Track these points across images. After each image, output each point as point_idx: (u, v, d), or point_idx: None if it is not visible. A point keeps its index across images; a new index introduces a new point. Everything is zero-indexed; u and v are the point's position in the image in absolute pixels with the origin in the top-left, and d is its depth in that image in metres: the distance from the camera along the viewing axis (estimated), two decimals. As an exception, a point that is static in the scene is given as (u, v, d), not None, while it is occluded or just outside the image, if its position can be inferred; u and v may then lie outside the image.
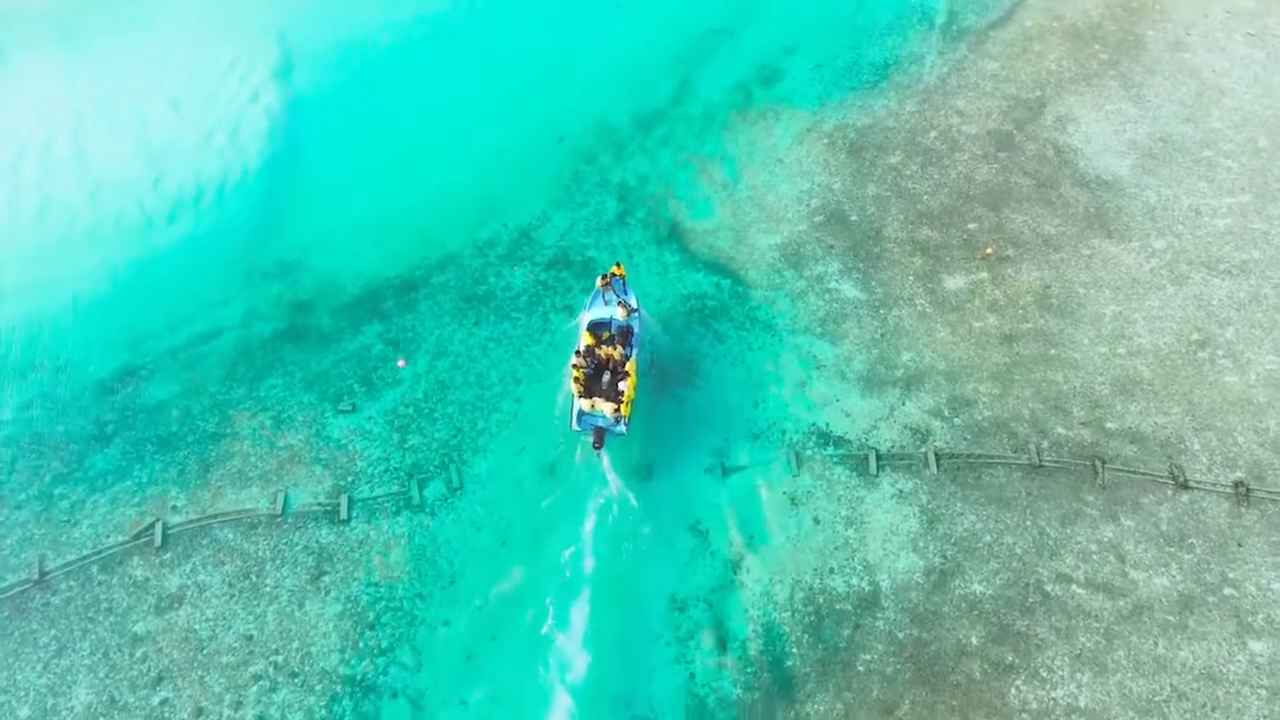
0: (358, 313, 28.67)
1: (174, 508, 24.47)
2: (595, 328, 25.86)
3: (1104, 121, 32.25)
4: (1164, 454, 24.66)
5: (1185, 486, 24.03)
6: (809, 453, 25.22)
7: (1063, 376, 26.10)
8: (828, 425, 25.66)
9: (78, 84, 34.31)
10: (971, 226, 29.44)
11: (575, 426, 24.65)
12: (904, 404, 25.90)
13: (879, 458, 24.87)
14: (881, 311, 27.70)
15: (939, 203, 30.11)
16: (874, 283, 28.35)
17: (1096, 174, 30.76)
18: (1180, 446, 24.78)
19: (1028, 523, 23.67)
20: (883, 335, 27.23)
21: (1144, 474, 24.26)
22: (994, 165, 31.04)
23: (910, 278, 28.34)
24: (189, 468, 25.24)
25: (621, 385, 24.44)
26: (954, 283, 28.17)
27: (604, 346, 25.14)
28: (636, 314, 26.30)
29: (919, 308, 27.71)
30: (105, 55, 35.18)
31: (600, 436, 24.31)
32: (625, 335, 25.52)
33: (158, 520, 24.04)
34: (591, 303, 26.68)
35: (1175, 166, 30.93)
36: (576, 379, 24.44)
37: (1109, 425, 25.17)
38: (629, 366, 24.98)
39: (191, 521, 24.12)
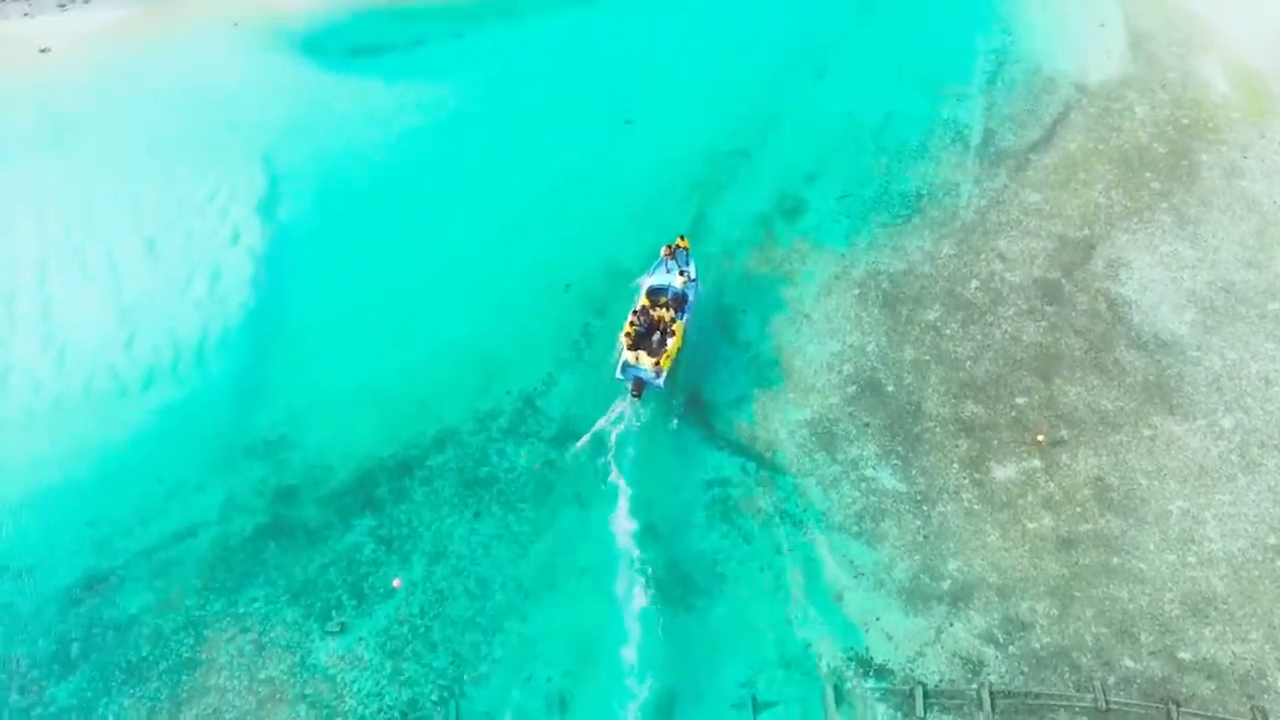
0: (347, 502, 26.12)
1: (142, 761, 22.03)
2: (654, 292, 28.34)
3: (1159, 266, 29.63)
4: (1244, 693, 22.09)
5: (1271, 736, 21.54)
6: (848, 685, 22.66)
7: (1128, 592, 23.54)
8: (868, 650, 23.11)
9: (45, 222, 31.70)
10: (1020, 401, 26.85)
11: (619, 375, 27.00)
12: (952, 624, 23.35)
13: (926, 694, 22.32)
14: (924, 507, 25.14)
15: (983, 370, 27.52)
16: (914, 470, 25.79)
17: (1154, 333, 28.14)
18: (1261, 683, 22.21)
19: (1096, 783, 21.20)
20: (926, 537, 24.67)
21: (1224, 719, 21.75)
22: (1042, 323, 28.42)
23: (955, 465, 25.77)
24: (159, 706, 22.66)
25: (667, 343, 27.07)
26: (1004, 472, 25.60)
27: (658, 309, 27.71)
28: (693, 283, 28.37)
29: (966, 503, 25.14)
30: (75, 184, 32.58)
31: (639, 387, 26.70)
32: (679, 302, 28.05)
33: (123, 781, 21.60)
34: (654, 269, 28.97)
35: (1240, 323, 28.31)
36: (628, 334, 27.06)
37: (1181, 655, 22.62)
38: (676, 327, 27.34)
39: (161, 783, 21.68)
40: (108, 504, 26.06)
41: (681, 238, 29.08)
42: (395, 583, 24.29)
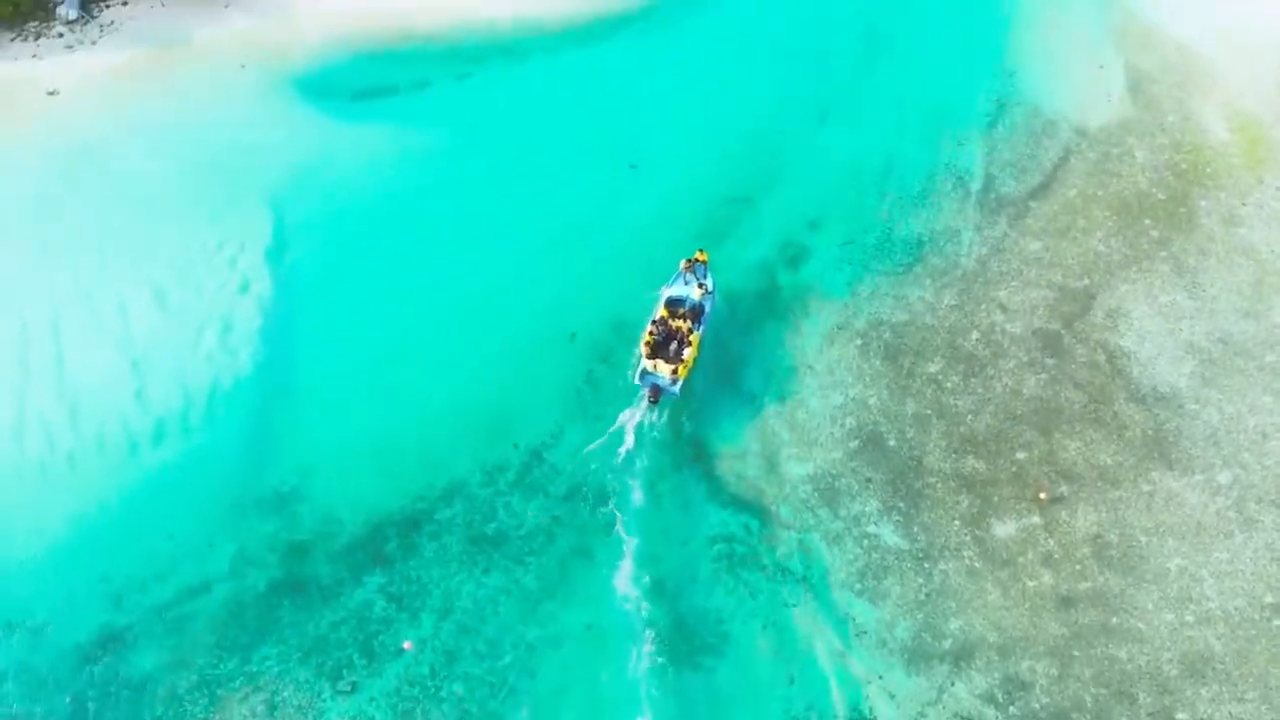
0: (358, 557, 26.49)
1: (157, 827, 22.44)
2: (672, 303, 29.68)
3: (1158, 317, 29.97)
4: (1241, 754, 22.58)
5: (1267, 799, 21.97)
6: (851, 745, 23.15)
7: (1126, 652, 23.94)
8: (871, 711, 23.50)
9: (56, 270, 31.93)
10: (1020, 456, 27.23)
11: (637, 381, 28.38)
12: (953, 684, 23.75)
13: (928, 755, 22.81)
14: (926, 565, 25.53)
15: (984, 424, 27.89)
16: (916, 527, 26.17)
17: (1153, 385, 28.50)
18: (1258, 744, 22.71)
19: (1095, 847, 21.63)
20: (928, 595, 25.07)
21: (1221, 782, 22.21)
22: (1042, 376, 28.78)
23: (956, 522, 26.16)
24: (175, 767, 23.21)
25: (685, 352, 28.26)
26: (1004, 529, 25.98)
27: (676, 320, 29.00)
28: (710, 295, 29.67)
29: (966, 561, 25.54)
30: (85, 235, 32.68)
31: (656, 393, 28.10)
32: (696, 313, 29.36)
33: (139, 847, 22.00)
34: (673, 281, 30.20)
35: (1237, 375, 28.67)
36: (648, 342, 28.51)
37: (1179, 716, 23.02)
38: (693, 338, 28.61)
39: None
40: (121, 559, 26.42)
41: (700, 251, 30.31)
42: (406, 645, 24.68)
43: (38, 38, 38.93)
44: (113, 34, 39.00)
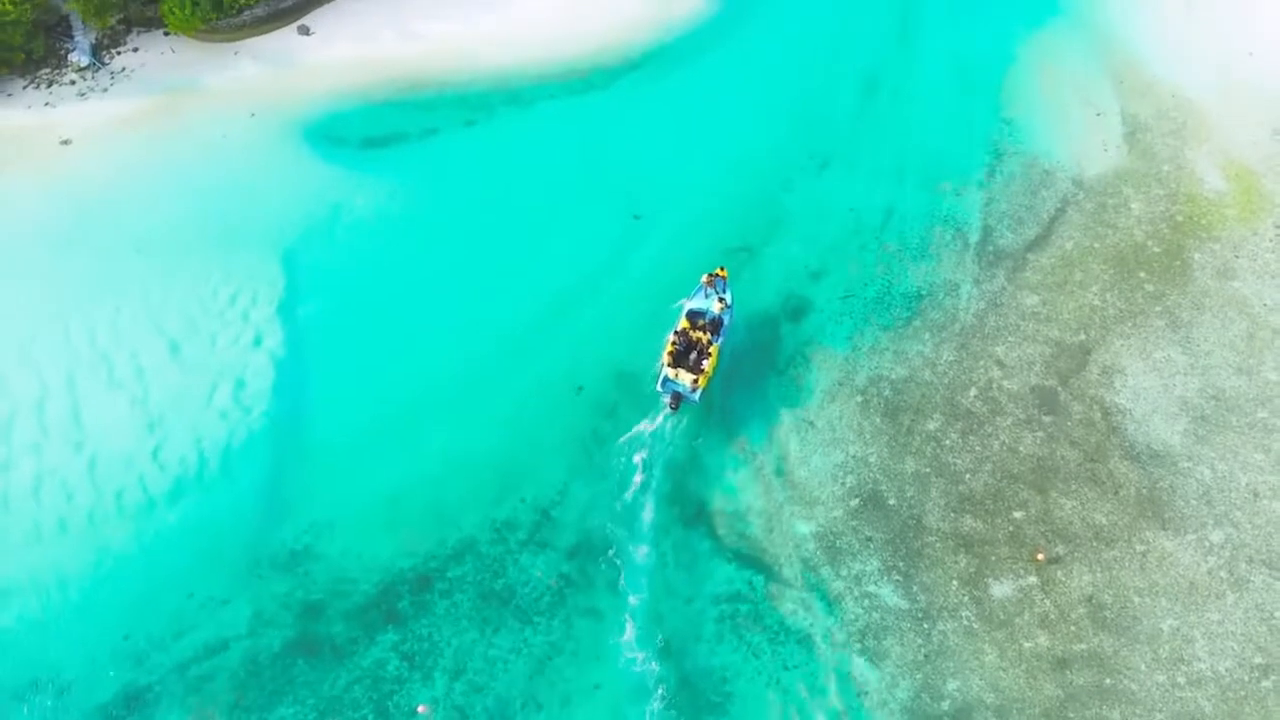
0: (371, 616, 27.21)
1: None
2: (693, 315, 31.32)
3: (1152, 373, 30.60)
4: (1230, 817, 23.31)
5: None
6: (852, 806, 23.90)
7: (1119, 714, 24.64)
8: (872, 773, 24.31)
9: (70, 323, 32.54)
10: (1018, 515, 27.90)
11: (659, 388, 30.10)
12: (952, 745, 24.52)
13: (927, 817, 23.53)
14: (925, 625, 26.22)
15: (982, 483, 28.55)
16: (915, 587, 26.85)
17: (1147, 443, 29.15)
18: (1247, 807, 23.44)
19: None
20: (927, 656, 25.77)
21: (1210, 845, 22.93)
22: (1038, 433, 29.43)
23: (955, 582, 26.83)
24: (197, 829, 23.94)
25: (704, 363, 29.91)
26: (1001, 590, 26.66)
27: (696, 331, 30.62)
28: (729, 309, 31.32)
29: (964, 621, 26.22)
30: (98, 284, 33.39)
31: (677, 401, 29.81)
32: (715, 326, 31.05)
33: None
34: (694, 294, 31.96)
35: (1229, 432, 29.32)
36: (670, 351, 30.13)
37: (1171, 779, 23.80)
38: (712, 349, 30.28)
39: None
40: (141, 617, 27.16)
41: (720, 268, 32.09)
42: (421, 709, 25.38)
43: (50, 84, 39.50)
44: (124, 81, 39.59)
